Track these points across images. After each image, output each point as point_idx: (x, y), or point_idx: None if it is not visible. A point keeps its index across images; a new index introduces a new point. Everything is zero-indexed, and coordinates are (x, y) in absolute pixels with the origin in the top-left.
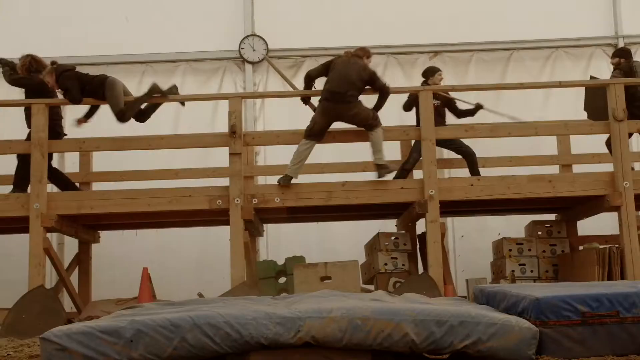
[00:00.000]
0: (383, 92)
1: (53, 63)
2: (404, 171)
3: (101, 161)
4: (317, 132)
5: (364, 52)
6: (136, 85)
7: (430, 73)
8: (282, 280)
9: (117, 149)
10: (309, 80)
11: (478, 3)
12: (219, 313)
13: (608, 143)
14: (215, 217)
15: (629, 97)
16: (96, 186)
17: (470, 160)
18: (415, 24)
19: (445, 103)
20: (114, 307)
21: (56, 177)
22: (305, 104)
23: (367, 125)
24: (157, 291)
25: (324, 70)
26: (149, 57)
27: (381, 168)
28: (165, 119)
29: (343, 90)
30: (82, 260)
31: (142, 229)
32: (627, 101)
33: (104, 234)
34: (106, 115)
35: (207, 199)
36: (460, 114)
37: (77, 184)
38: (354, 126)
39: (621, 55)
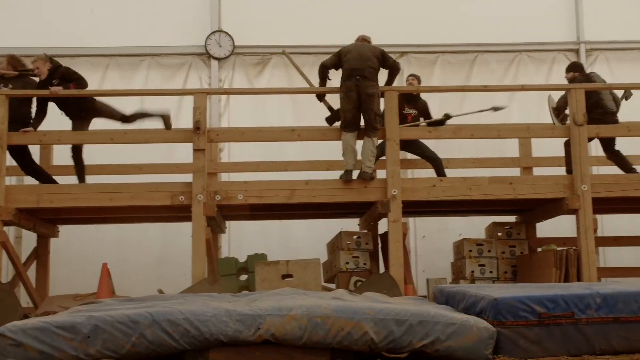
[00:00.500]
0: (394, 69)
1: (43, 54)
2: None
3: (62, 154)
4: (350, 120)
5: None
6: (99, 78)
7: None
8: (243, 277)
9: (79, 142)
10: (324, 69)
11: (444, 5)
12: (179, 310)
13: (566, 143)
14: (178, 213)
15: (592, 105)
16: (56, 180)
17: (435, 165)
18: (382, 25)
19: (422, 112)
20: (72, 302)
21: (37, 171)
22: (320, 101)
23: (371, 124)
24: (117, 287)
25: (336, 59)
26: (114, 50)
27: (366, 175)
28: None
29: (362, 65)
30: (40, 254)
31: (102, 224)
32: (590, 108)
33: (63, 228)
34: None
35: (169, 194)
36: (432, 123)
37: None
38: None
39: (575, 70)
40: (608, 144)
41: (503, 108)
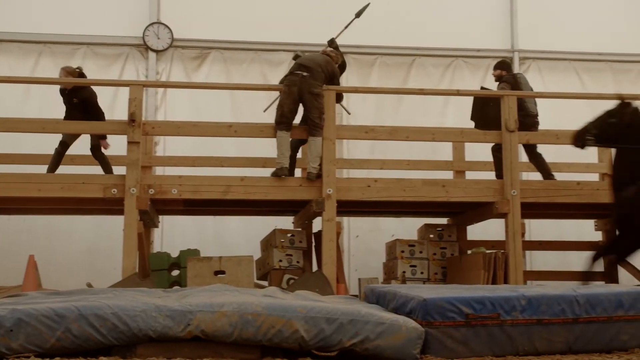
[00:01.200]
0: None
1: (78, 68)
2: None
3: None
4: (286, 116)
5: (335, 55)
6: (32, 66)
7: None
8: (175, 272)
9: (8, 130)
10: None
11: (383, 8)
12: (107, 304)
13: (494, 149)
14: (110, 206)
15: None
16: None
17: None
18: (321, 24)
19: None
20: None
21: None
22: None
23: (314, 123)
24: (45, 280)
25: None
26: (47, 37)
27: (312, 175)
28: (61, 103)
29: (312, 65)
30: None
31: (31, 215)
32: None
33: None
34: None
35: (101, 187)
36: None
37: None
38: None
39: (503, 68)
40: (530, 147)
41: (364, 7)
